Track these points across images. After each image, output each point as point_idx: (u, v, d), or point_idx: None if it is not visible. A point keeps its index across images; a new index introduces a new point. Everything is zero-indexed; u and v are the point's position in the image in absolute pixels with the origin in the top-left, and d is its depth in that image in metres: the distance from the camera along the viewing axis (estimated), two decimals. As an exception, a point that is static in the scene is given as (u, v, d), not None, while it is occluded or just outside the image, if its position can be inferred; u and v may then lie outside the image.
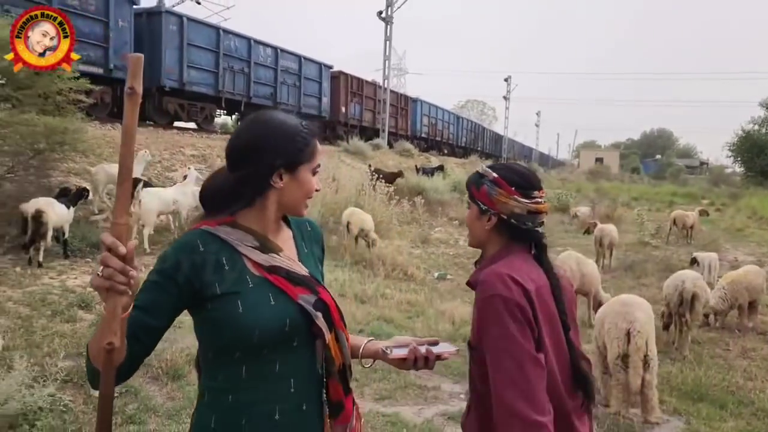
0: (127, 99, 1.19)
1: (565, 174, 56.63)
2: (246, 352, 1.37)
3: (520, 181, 1.69)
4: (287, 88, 21.06)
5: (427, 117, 33.39)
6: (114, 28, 14.08)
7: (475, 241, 1.80)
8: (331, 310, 1.45)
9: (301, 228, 1.63)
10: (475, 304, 1.60)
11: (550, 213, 21.30)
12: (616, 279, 10.21)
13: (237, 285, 1.37)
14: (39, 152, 8.29)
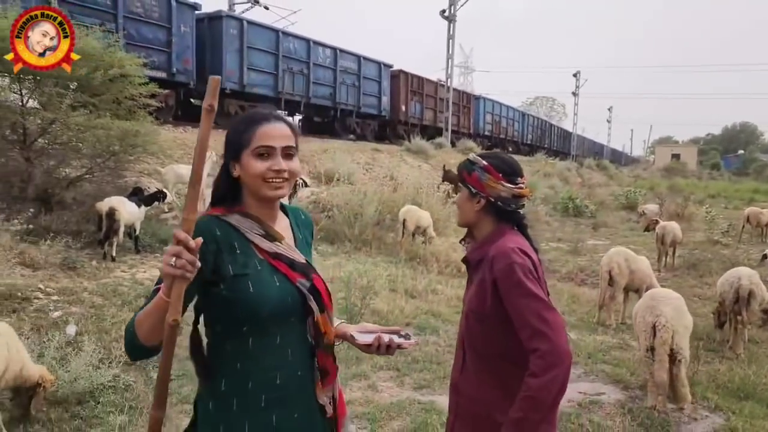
0: (205, 114, 1.32)
1: (638, 171, 54.75)
2: (253, 326, 1.55)
3: (507, 169, 1.95)
4: (346, 88, 21.27)
5: (490, 114, 32.89)
6: (176, 34, 14.59)
7: (464, 221, 2.05)
8: (321, 295, 1.62)
9: (296, 216, 1.80)
10: (485, 272, 1.88)
11: (616, 210, 20.93)
12: (678, 278, 9.93)
13: (247, 267, 1.54)
14: (114, 154, 8.88)
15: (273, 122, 1.59)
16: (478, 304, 1.91)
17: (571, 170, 32.43)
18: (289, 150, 1.59)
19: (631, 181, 36.43)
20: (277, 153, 1.56)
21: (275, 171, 1.55)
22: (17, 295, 5.59)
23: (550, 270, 10.30)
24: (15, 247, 6.67)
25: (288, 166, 1.58)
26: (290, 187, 1.63)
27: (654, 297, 4.60)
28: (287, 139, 1.59)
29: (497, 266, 1.81)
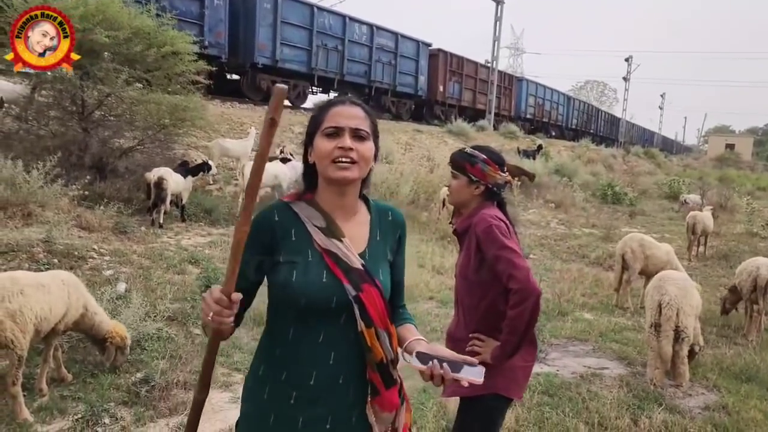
0: (267, 127, 1.28)
1: (689, 160, 53.27)
2: (295, 316, 1.54)
3: (499, 161, 2.44)
4: (382, 66, 20.89)
5: (533, 97, 32.13)
6: (209, 6, 14.50)
7: (459, 201, 2.50)
8: (366, 309, 1.53)
9: (381, 214, 1.70)
10: (471, 237, 2.34)
11: (658, 199, 20.64)
12: (708, 267, 9.97)
13: (297, 255, 1.53)
14: (164, 127, 9.43)
15: (346, 105, 1.58)
16: (465, 265, 2.38)
17: (616, 157, 31.93)
18: (360, 132, 1.54)
19: (680, 171, 35.60)
20: (345, 133, 1.52)
21: (341, 149, 1.51)
22: (74, 254, 6.15)
23: (580, 255, 10.47)
24: (73, 211, 7.26)
25: (356, 147, 1.53)
26: (360, 171, 1.55)
27: (662, 278, 4.87)
28: (358, 120, 1.55)
29: (479, 228, 2.27)
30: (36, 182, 6.78)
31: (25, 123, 8.97)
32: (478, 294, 2.34)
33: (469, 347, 2.31)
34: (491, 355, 2.23)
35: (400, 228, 1.74)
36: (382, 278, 1.61)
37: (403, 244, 1.75)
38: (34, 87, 8.97)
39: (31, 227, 6.53)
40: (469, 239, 2.34)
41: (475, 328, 2.35)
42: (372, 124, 1.60)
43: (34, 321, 3.49)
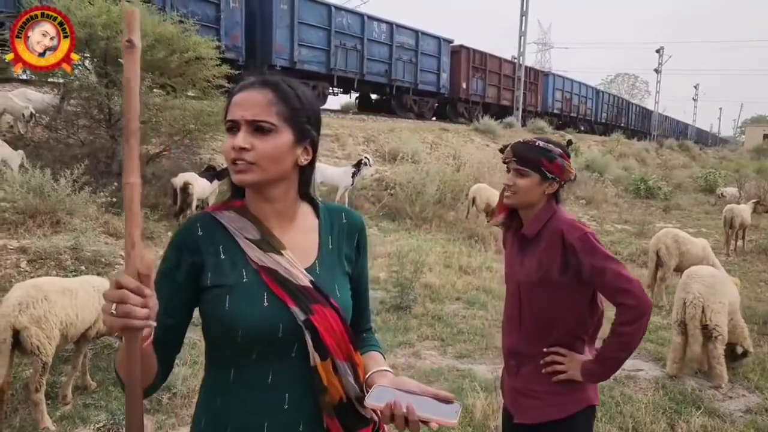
0: (125, 52, 1.05)
1: (725, 152, 51.96)
2: (234, 353, 1.25)
3: (567, 153, 2.18)
4: (403, 64, 20.58)
5: (560, 92, 31.44)
6: (225, 10, 14.37)
7: (527, 203, 2.12)
8: (320, 335, 1.24)
9: (333, 218, 1.41)
10: (551, 243, 2.05)
11: (693, 193, 20.10)
12: (747, 262, 9.63)
13: (229, 277, 1.24)
14: (189, 132, 9.49)
15: (246, 90, 1.25)
16: (544, 272, 2.08)
17: (649, 151, 31.28)
18: (260, 124, 1.22)
19: (716, 163, 34.68)
20: (240, 126, 1.22)
21: (233, 149, 1.22)
22: (101, 260, 6.20)
23: (613, 251, 10.15)
24: (100, 218, 7.33)
25: (254, 143, 1.21)
26: (263, 172, 1.23)
27: (689, 275, 4.70)
28: (258, 110, 1.22)
29: (573, 235, 2.00)
30: (64, 190, 6.86)
31: (54, 132, 9.13)
32: (562, 305, 2.08)
33: (547, 362, 2.08)
34: (584, 372, 2.01)
35: (357, 232, 1.42)
36: (339, 295, 1.31)
37: (363, 253, 1.44)
38: (62, 97, 9.11)
39: (59, 235, 6.61)
40: (549, 245, 2.07)
41: (552, 341, 2.09)
42: (289, 110, 1.25)
43: (60, 327, 3.50)
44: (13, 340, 3.35)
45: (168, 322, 1.23)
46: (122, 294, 0.99)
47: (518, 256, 2.18)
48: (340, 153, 14.38)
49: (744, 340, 4.67)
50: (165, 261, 1.28)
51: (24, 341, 3.36)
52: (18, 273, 5.70)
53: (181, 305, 1.26)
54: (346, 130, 15.72)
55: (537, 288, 2.10)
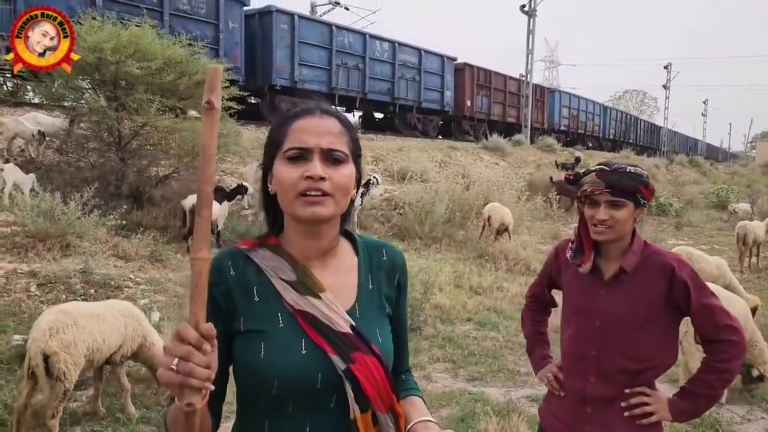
0: (205, 114, 0.99)
1: (736, 167, 51.68)
2: (269, 405, 1.16)
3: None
4: (406, 83, 20.51)
5: (567, 108, 31.27)
6: (224, 30, 14.25)
7: (621, 234, 1.93)
8: (362, 386, 1.15)
9: (373, 255, 1.31)
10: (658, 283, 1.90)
11: (705, 209, 19.96)
12: (763, 279, 9.50)
13: (264, 322, 1.16)
14: (197, 154, 9.50)
15: (316, 116, 1.19)
16: (644, 311, 1.92)
17: (659, 167, 31.13)
18: (335, 154, 1.15)
19: (727, 179, 34.47)
20: (314, 155, 1.14)
21: (309, 179, 1.12)
22: (111, 283, 6.19)
23: (624, 269, 10.10)
24: (110, 241, 7.34)
25: (330, 174, 1.14)
26: (337, 205, 1.16)
27: None
28: (332, 138, 1.16)
29: (684, 271, 1.89)
30: (74, 213, 6.88)
31: (65, 155, 9.19)
32: (656, 345, 1.92)
33: (632, 405, 1.91)
34: (675, 411, 1.91)
35: (398, 271, 1.32)
36: (381, 341, 1.21)
37: (403, 292, 1.34)
38: (72, 120, 9.18)
39: (69, 258, 6.61)
40: (651, 280, 1.91)
41: (638, 383, 1.93)
42: (352, 141, 1.21)
43: (86, 353, 3.51)
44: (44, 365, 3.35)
45: None
46: (188, 351, 0.91)
47: (600, 292, 1.96)
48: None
49: (763, 363, 4.55)
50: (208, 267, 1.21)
51: (52, 366, 3.37)
52: (28, 297, 5.70)
53: (221, 350, 1.11)
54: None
55: (629, 327, 1.92)
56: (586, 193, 1.92)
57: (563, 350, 2.09)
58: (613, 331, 1.93)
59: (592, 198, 1.90)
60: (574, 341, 2.02)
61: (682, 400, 1.91)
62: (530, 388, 4.71)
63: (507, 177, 16.34)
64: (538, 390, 4.65)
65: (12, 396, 3.90)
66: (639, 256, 1.93)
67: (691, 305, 1.87)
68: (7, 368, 4.37)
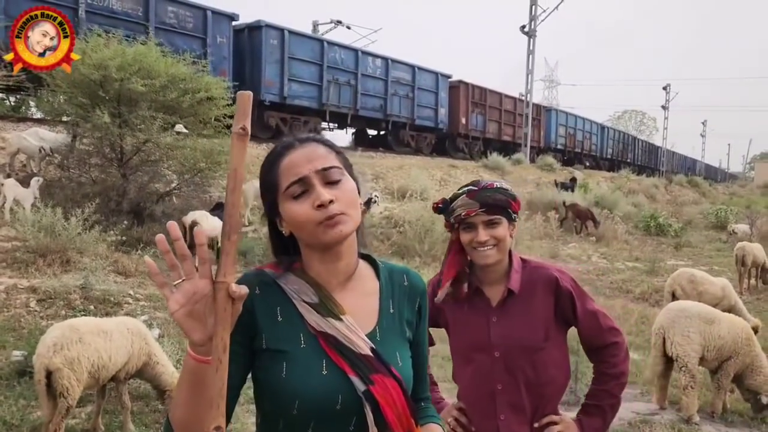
0: (236, 140, 0.99)
1: (735, 188, 51.84)
2: (289, 427, 1.16)
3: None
4: (399, 100, 20.29)
5: (563, 127, 31.10)
6: (212, 44, 13.99)
7: (505, 254, 1.84)
8: (381, 408, 1.15)
9: (395, 279, 1.33)
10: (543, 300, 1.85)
11: (705, 229, 20.00)
12: (761, 301, 9.49)
13: (286, 342, 1.17)
14: (199, 171, 9.59)
15: (297, 148, 1.21)
16: (541, 331, 1.85)
17: (658, 187, 31.23)
18: (330, 173, 1.18)
19: (726, 199, 34.55)
20: (313, 182, 1.16)
21: (321, 207, 1.14)
22: (110, 299, 6.19)
23: (624, 290, 10.11)
24: (110, 256, 7.35)
25: (333, 195, 1.15)
26: (354, 219, 1.18)
27: (666, 308, 5.03)
28: (321, 159, 1.19)
29: (567, 281, 1.86)
30: (74, 229, 6.90)
31: (66, 171, 9.24)
32: (555, 365, 1.86)
33: None
34: (588, 430, 1.85)
35: (419, 296, 1.34)
36: (400, 365, 1.22)
37: (424, 317, 1.35)
38: (74, 136, 9.24)
39: (69, 274, 6.62)
40: (541, 297, 1.85)
41: (548, 411, 1.86)
42: (340, 156, 1.24)
43: (91, 369, 3.51)
44: (46, 381, 3.36)
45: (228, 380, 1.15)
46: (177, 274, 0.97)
47: (492, 320, 1.85)
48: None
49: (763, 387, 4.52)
50: None
51: (55, 382, 3.38)
52: (27, 312, 5.71)
53: (238, 365, 1.14)
54: (355, 168, 15.76)
55: (530, 351, 1.83)
56: (461, 218, 1.81)
57: (464, 392, 1.95)
58: (515, 359, 1.83)
59: (468, 222, 1.80)
60: (476, 379, 1.88)
61: (590, 417, 1.87)
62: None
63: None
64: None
65: (11, 412, 3.90)
66: (522, 274, 1.86)
67: (577, 314, 1.85)
68: (6, 384, 4.36)
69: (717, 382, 4.65)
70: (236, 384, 1.16)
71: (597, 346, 1.90)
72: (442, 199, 1.89)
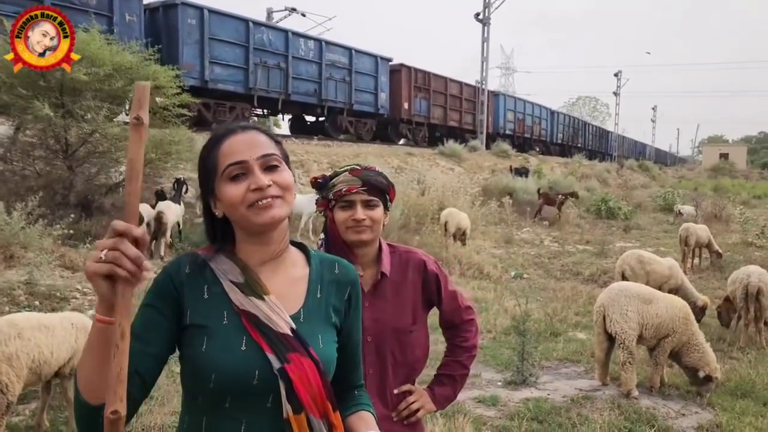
0: (133, 130, 0.98)
1: (683, 171, 53.51)
2: (207, 400, 1.20)
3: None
4: (335, 84, 19.12)
5: (512, 112, 30.31)
6: (120, 23, 12.61)
7: (376, 236, 1.87)
8: (294, 387, 1.18)
9: (325, 267, 1.37)
10: (412, 283, 1.92)
11: (653, 212, 20.61)
12: (703, 279, 9.88)
13: (209, 318, 1.21)
14: (149, 162, 9.39)
15: (239, 133, 1.25)
16: (411, 314, 1.91)
17: (610, 171, 31.99)
18: (269, 159, 1.23)
19: (675, 182, 35.68)
20: (252, 167, 1.20)
21: (255, 190, 1.19)
22: (56, 295, 6.07)
23: (574, 272, 10.38)
24: (56, 251, 7.17)
25: (272, 179, 1.21)
26: (288, 204, 1.24)
27: (609, 288, 5.25)
28: (262, 147, 1.23)
29: (433, 266, 1.95)
30: (17, 223, 6.71)
31: (9, 164, 8.94)
32: (420, 344, 1.94)
33: (404, 407, 1.89)
34: (439, 399, 1.98)
35: (350, 285, 1.37)
36: (321, 347, 1.25)
37: (356, 307, 1.38)
38: (18, 127, 8.96)
39: (12, 269, 6.45)
40: (411, 279, 1.91)
41: (399, 384, 1.90)
42: (279, 146, 1.29)
43: (31, 365, 3.43)
44: None
45: (145, 351, 1.17)
46: (116, 240, 0.97)
47: (365, 305, 1.71)
48: (305, 179, 14.37)
49: (707, 364, 4.69)
50: (149, 292, 1.24)
51: None
52: (-32, 310, 5.54)
53: (162, 336, 1.20)
54: (311, 156, 15.74)
55: (400, 334, 1.87)
56: (341, 193, 1.81)
57: None
58: (386, 342, 1.86)
59: (346, 199, 1.81)
60: None
61: (442, 387, 2.01)
62: (477, 389, 4.82)
63: (462, 182, 16.54)
64: (485, 391, 4.77)
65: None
66: (391, 258, 1.91)
67: (441, 295, 1.97)
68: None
69: (655, 358, 4.85)
70: (157, 353, 1.19)
71: (456, 323, 2.05)
72: (321, 175, 1.91)
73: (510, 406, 4.45)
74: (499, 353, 5.65)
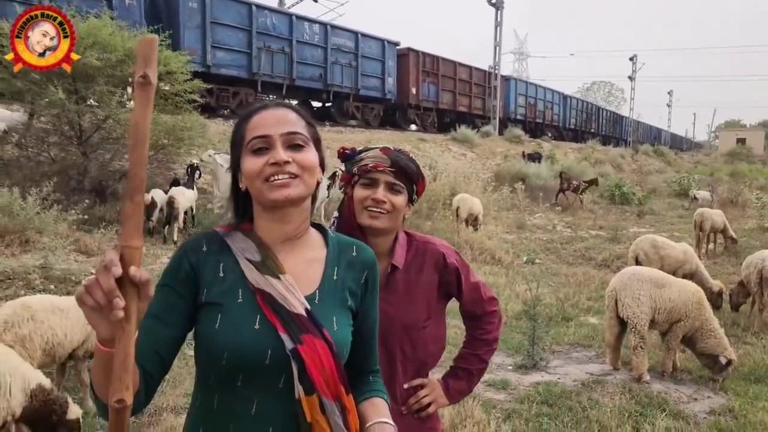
0: (139, 89, 0.90)
1: (699, 156, 52.87)
2: (219, 379, 1.20)
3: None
4: (341, 68, 18.78)
5: (523, 97, 29.50)
6: (118, 7, 12.17)
7: (394, 226, 1.75)
8: (306, 368, 1.16)
9: (343, 250, 1.35)
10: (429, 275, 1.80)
11: (668, 197, 20.42)
12: (718, 265, 9.80)
13: (224, 296, 1.20)
14: (163, 147, 9.45)
15: (270, 109, 1.27)
16: (423, 308, 1.80)
17: (624, 157, 31.69)
18: (294, 137, 1.22)
19: (691, 168, 35.26)
20: (275, 142, 1.20)
21: (275, 164, 1.19)
22: (71, 279, 6.13)
23: (586, 258, 10.34)
24: (71, 236, 7.25)
25: (292, 157, 1.20)
26: (306, 185, 1.22)
27: (621, 273, 5.19)
28: (289, 124, 1.23)
29: (453, 257, 1.84)
30: (33, 208, 6.78)
31: (24, 150, 9.03)
32: (437, 337, 1.83)
33: (414, 402, 1.80)
34: (453, 393, 1.87)
35: (368, 269, 1.34)
36: (335, 329, 1.23)
37: (372, 290, 1.35)
38: (32, 114, 9.03)
39: (28, 254, 6.53)
40: (427, 271, 1.80)
41: (410, 380, 1.81)
42: (309, 127, 1.28)
43: (45, 347, 3.48)
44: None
45: (165, 331, 1.18)
46: (98, 270, 0.89)
47: (386, 292, 1.69)
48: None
49: (725, 349, 4.66)
50: (166, 272, 1.24)
51: None
52: (-15, 293, 5.63)
53: (179, 316, 1.20)
54: (323, 143, 15.67)
55: (412, 331, 1.76)
56: (366, 168, 1.69)
57: None
58: (394, 338, 1.74)
59: (370, 176, 1.69)
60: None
61: (457, 380, 1.88)
62: (487, 373, 4.80)
63: (474, 168, 16.52)
64: (495, 375, 4.78)
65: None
66: (406, 249, 1.80)
67: (462, 288, 1.83)
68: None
69: (667, 343, 4.83)
70: (173, 336, 1.19)
71: (478, 314, 1.91)
72: (352, 148, 1.81)
73: (520, 390, 4.46)
74: (510, 337, 5.64)
